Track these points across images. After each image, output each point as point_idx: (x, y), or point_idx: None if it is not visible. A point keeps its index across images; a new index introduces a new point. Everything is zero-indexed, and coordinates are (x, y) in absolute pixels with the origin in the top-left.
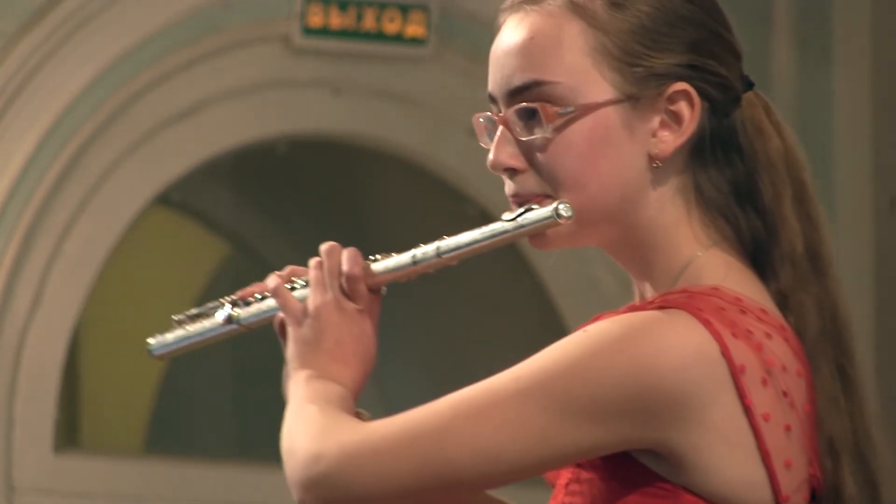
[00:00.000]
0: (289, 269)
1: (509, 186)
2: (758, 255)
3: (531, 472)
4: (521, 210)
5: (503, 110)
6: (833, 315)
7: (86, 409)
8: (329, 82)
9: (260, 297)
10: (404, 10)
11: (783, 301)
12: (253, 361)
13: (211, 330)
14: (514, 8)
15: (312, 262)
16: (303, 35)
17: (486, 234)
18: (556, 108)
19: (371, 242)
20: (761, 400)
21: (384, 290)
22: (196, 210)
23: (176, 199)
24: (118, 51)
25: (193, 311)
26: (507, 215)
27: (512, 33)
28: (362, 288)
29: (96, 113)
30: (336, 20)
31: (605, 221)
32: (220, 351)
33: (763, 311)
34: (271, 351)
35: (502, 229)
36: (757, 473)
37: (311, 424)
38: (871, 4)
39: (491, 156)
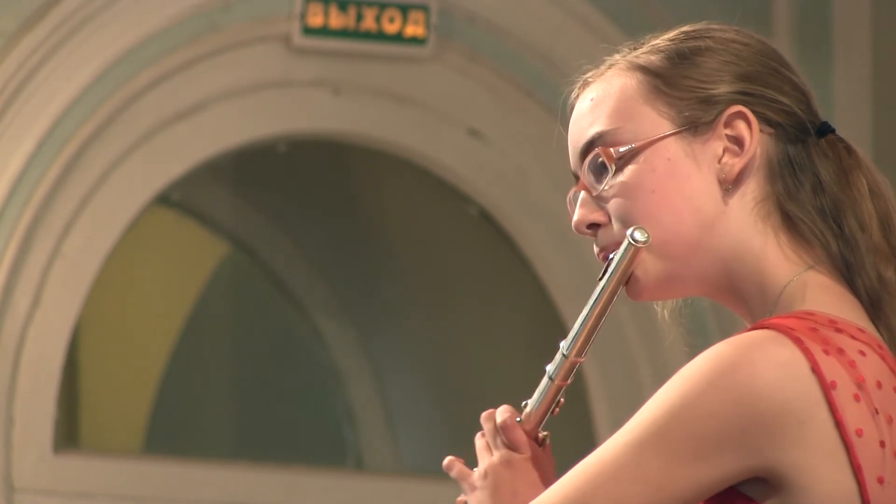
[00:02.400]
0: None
1: (595, 246)
2: (851, 276)
3: None
4: (608, 263)
5: (581, 178)
6: None
7: (86, 409)
8: (329, 82)
9: None
10: (404, 10)
11: (875, 312)
12: (253, 361)
13: None
14: (579, 88)
15: (479, 434)
16: (303, 35)
17: (590, 307)
18: (616, 149)
19: (371, 242)
20: (854, 415)
21: (547, 438)
22: (196, 210)
23: (176, 199)
24: (118, 51)
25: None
26: (601, 275)
27: (577, 108)
28: (520, 435)
29: (96, 113)
30: (336, 20)
31: (692, 253)
32: (221, 351)
33: (859, 329)
34: (271, 351)
35: (600, 290)
36: (849, 489)
37: None
38: (871, 4)
39: (574, 218)
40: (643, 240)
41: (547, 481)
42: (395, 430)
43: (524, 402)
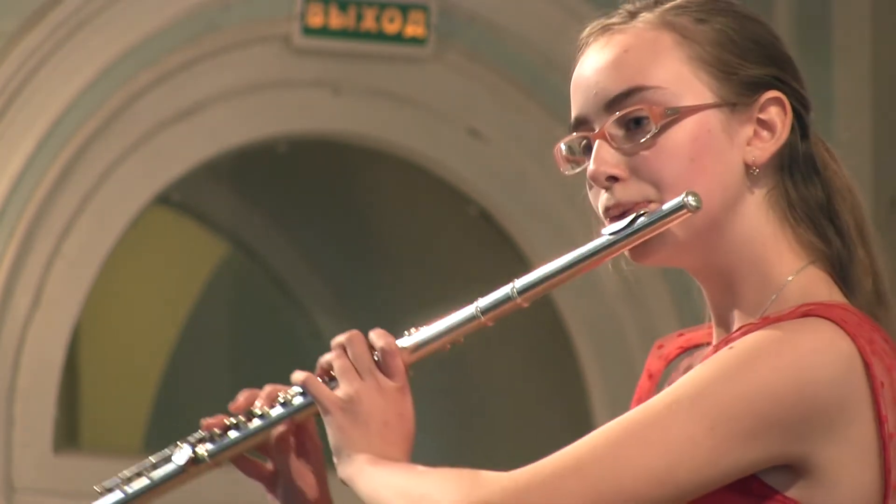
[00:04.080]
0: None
1: (607, 199)
2: (847, 282)
3: (693, 494)
4: (632, 217)
5: (598, 127)
6: None
7: (86, 409)
8: (329, 82)
9: (232, 422)
10: (404, 9)
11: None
12: (253, 361)
13: (168, 477)
14: (597, 34)
15: (332, 352)
16: (303, 35)
17: (581, 254)
18: (662, 108)
19: (371, 242)
20: (892, 417)
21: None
22: (196, 210)
23: (176, 199)
24: (118, 51)
25: (140, 465)
26: (610, 229)
27: (599, 54)
28: (399, 364)
29: (96, 113)
30: (336, 20)
31: (710, 229)
32: (221, 351)
33: (884, 331)
34: (271, 351)
35: (607, 242)
36: (875, 490)
37: (445, 481)
38: (871, 4)
39: (591, 166)
40: (696, 206)
41: (412, 414)
42: None
43: (407, 330)
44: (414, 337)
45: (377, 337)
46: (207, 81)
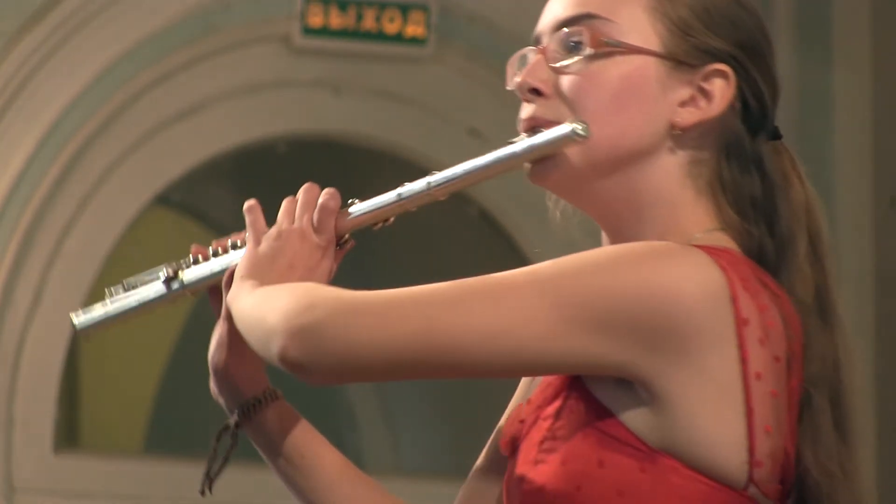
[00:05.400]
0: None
1: (526, 110)
2: (761, 264)
3: (523, 368)
4: (534, 130)
5: (546, 43)
6: (835, 366)
7: (86, 409)
8: (329, 82)
9: (213, 253)
10: (404, 10)
11: None
12: None
13: (152, 298)
14: None
15: (289, 197)
16: (303, 35)
17: (487, 160)
18: (602, 38)
19: (371, 242)
20: (757, 358)
21: (348, 242)
22: (196, 210)
23: (176, 199)
24: (118, 51)
25: (131, 279)
26: (515, 140)
27: None
28: (331, 223)
29: (96, 113)
30: (336, 20)
31: (613, 171)
32: None
33: (769, 277)
34: None
35: (508, 152)
36: (737, 431)
37: (289, 290)
38: (871, 4)
39: (518, 77)
40: (583, 135)
41: (324, 276)
42: (395, 430)
43: (352, 200)
44: (356, 206)
45: (324, 194)
46: (207, 81)
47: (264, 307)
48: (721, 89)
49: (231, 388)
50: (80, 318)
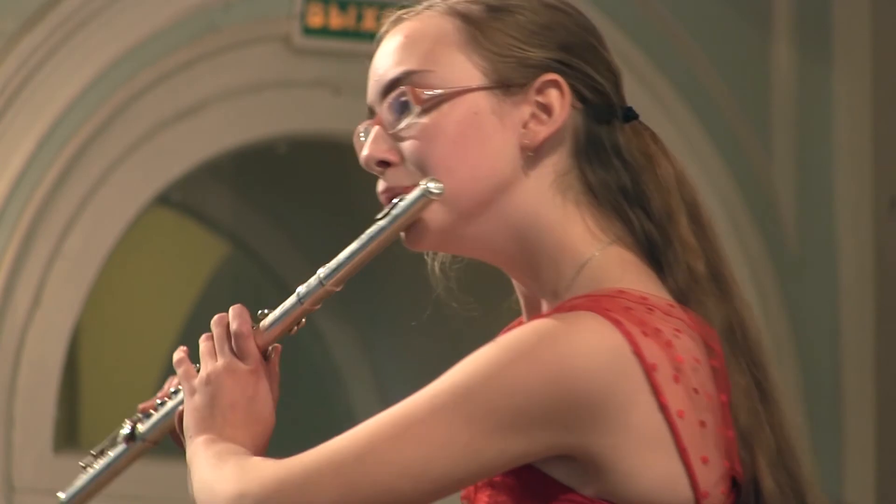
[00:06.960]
0: (182, 349)
1: (381, 183)
2: (653, 254)
3: (459, 485)
4: (392, 204)
5: (378, 113)
6: (744, 334)
7: (86, 409)
8: (329, 82)
9: (160, 402)
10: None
11: (683, 299)
12: None
13: (117, 458)
14: (391, 23)
15: (204, 335)
16: (303, 35)
17: (363, 242)
18: (424, 91)
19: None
20: (675, 397)
21: (275, 350)
22: (196, 210)
23: (176, 199)
24: (118, 51)
25: (97, 448)
26: (379, 215)
27: (386, 42)
28: (252, 346)
29: (96, 113)
30: (336, 20)
31: (482, 213)
32: None
33: (671, 305)
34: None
35: (378, 229)
36: (676, 472)
37: (227, 471)
38: (871, 4)
39: (364, 152)
40: (438, 192)
41: (266, 397)
42: None
43: (261, 311)
44: (267, 318)
45: (231, 318)
46: (207, 81)
47: (214, 485)
48: (557, 98)
49: None
50: (64, 497)
